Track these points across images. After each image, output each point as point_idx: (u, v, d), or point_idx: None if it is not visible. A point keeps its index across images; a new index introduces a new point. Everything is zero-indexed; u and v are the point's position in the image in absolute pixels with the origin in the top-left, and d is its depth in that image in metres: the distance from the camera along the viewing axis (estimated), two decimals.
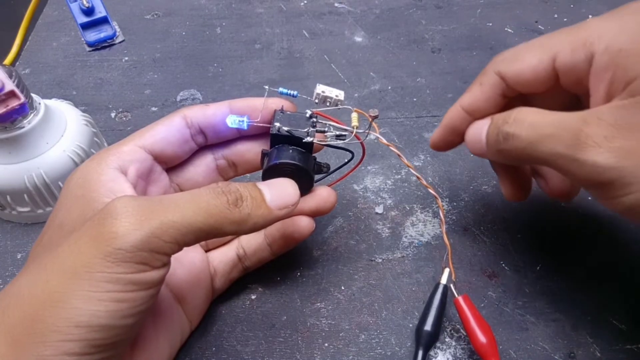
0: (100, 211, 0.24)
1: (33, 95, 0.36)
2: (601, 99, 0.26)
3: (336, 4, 0.58)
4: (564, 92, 0.29)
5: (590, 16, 0.55)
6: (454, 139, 0.33)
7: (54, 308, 0.22)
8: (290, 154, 0.31)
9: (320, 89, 0.31)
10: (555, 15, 0.55)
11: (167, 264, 0.25)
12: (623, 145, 0.23)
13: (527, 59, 0.29)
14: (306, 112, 0.31)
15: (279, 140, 0.31)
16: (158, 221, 0.24)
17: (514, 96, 0.31)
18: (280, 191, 0.28)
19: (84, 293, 0.22)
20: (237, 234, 0.26)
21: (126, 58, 0.52)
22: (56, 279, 0.23)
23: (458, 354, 0.32)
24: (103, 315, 0.23)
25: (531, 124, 0.26)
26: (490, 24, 0.55)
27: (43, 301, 0.23)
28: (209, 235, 0.25)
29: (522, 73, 0.29)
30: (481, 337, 0.30)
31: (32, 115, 0.36)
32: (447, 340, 0.33)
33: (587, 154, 0.24)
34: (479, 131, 0.30)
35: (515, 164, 0.33)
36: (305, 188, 0.32)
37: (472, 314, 0.31)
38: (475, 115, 0.32)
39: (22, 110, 0.34)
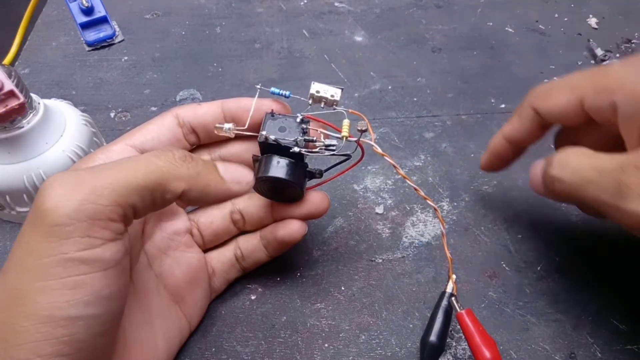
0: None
1: (32, 95, 0.36)
2: (635, 144, 0.26)
3: (336, 4, 0.58)
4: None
5: (591, 16, 0.54)
6: (500, 163, 0.36)
7: (17, 307, 0.21)
8: (278, 166, 0.29)
9: (315, 88, 0.30)
10: (556, 15, 0.55)
11: (120, 236, 0.23)
12: None
13: (557, 98, 0.30)
14: (297, 116, 0.30)
15: (267, 147, 0.30)
16: (90, 186, 0.23)
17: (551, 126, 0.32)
18: (234, 170, 0.29)
19: (38, 285, 0.21)
20: (190, 195, 0.25)
21: (125, 58, 0.52)
22: (12, 276, 0.22)
23: (458, 354, 0.32)
24: (63, 305, 0.21)
25: (574, 169, 0.27)
26: (491, 24, 0.55)
27: (6, 303, 0.22)
28: (155, 193, 0.24)
29: (553, 111, 0.30)
30: (486, 353, 0.29)
31: (32, 115, 0.35)
32: (447, 340, 0.32)
33: (629, 204, 0.24)
34: (535, 171, 0.31)
35: (573, 203, 0.34)
36: (296, 197, 0.32)
37: (476, 330, 0.30)
38: (515, 143, 0.34)
39: (22, 110, 0.34)
